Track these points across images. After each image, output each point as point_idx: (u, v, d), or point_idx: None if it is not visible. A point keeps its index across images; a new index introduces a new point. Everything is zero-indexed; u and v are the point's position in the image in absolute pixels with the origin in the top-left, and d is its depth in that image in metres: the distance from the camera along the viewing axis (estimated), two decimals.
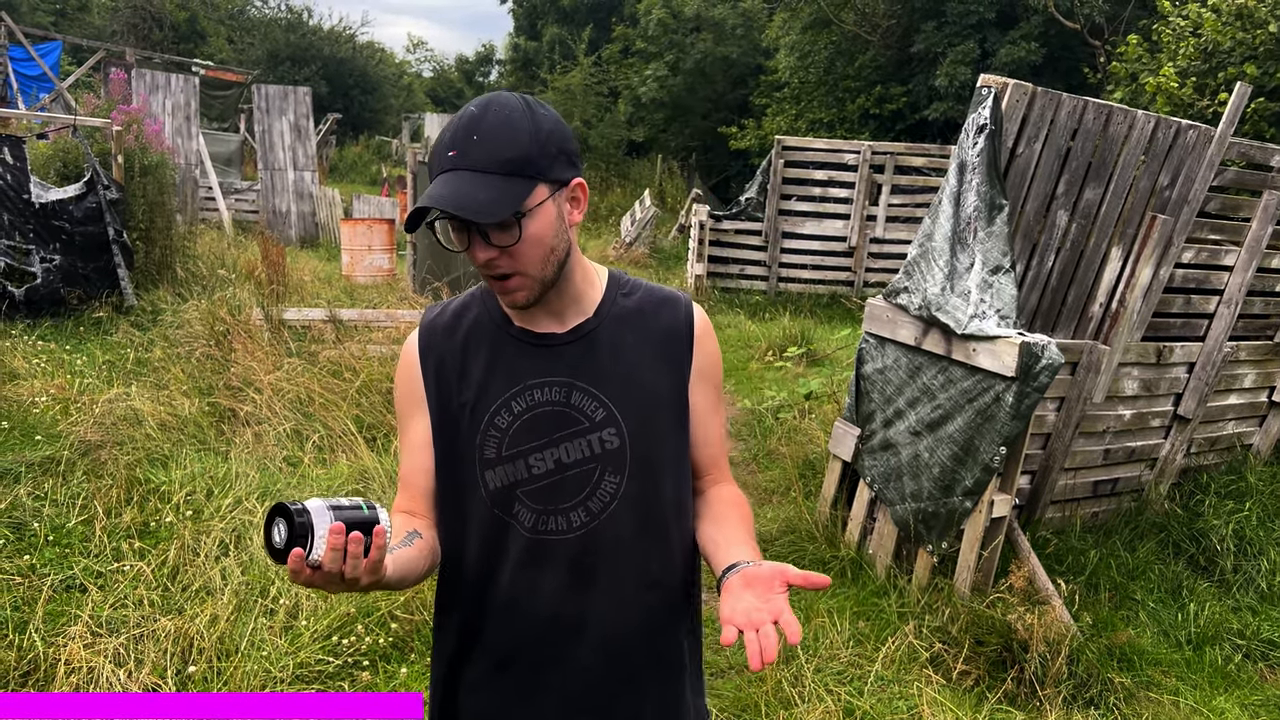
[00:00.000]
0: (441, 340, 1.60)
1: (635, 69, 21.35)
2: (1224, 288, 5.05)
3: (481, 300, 1.62)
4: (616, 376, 1.56)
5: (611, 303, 1.61)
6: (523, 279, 1.46)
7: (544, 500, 1.54)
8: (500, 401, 1.54)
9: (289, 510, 1.20)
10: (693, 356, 1.64)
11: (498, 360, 1.56)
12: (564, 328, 1.57)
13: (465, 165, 1.38)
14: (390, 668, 3.48)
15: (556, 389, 1.54)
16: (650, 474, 1.57)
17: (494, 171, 1.38)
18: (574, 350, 1.56)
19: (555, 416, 1.54)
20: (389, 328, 7.18)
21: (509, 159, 1.39)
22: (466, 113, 1.42)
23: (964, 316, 3.91)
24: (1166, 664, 3.94)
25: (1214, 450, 5.50)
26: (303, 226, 16.14)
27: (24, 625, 3.42)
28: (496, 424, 1.54)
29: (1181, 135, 4.62)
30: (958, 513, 4.02)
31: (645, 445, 1.56)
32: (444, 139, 1.42)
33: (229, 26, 38.15)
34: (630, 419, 1.55)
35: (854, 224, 11.91)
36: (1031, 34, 13.38)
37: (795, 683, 3.47)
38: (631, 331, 1.60)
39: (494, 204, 1.37)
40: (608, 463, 1.54)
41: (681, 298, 1.68)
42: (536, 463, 1.53)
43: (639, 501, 1.56)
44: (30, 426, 5.62)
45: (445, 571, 1.64)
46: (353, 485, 4.80)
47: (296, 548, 1.19)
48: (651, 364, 1.60)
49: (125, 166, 9.04)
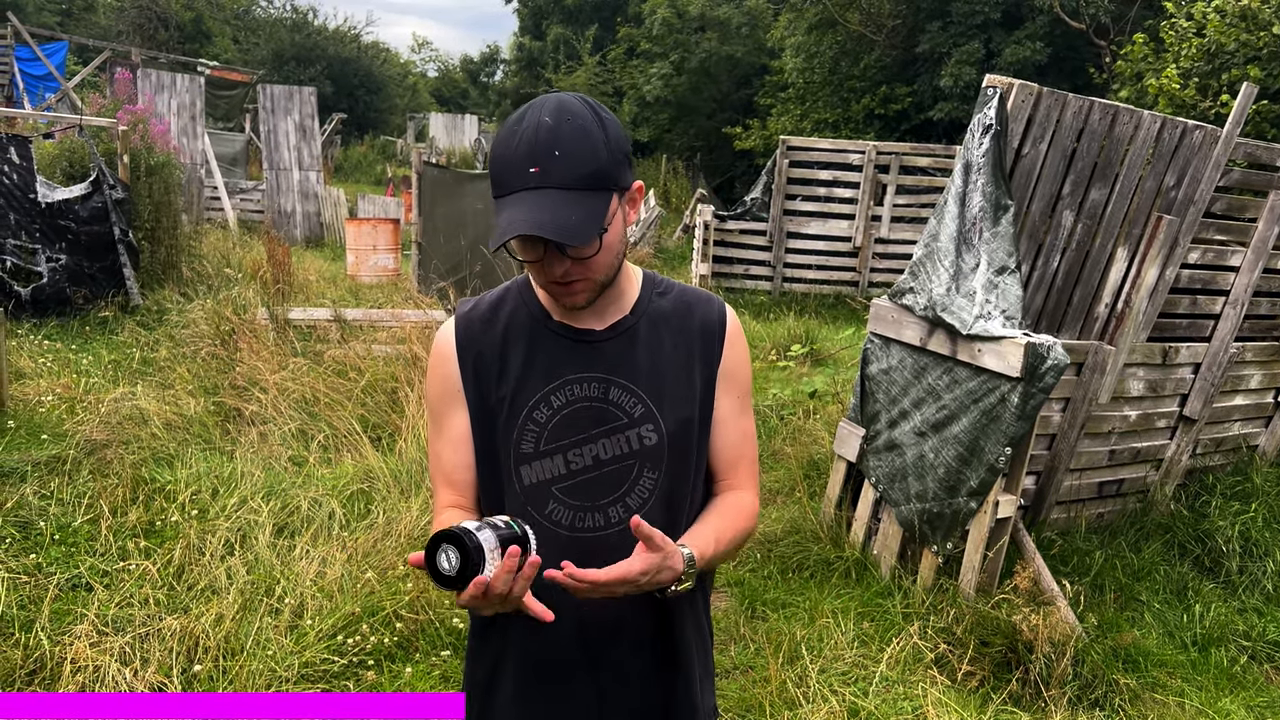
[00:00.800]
0: (480, 333, 1.59)
1: (640, 69, 21.34)
2: (1230, 288, 5.04)
3: (518, 293, 1.62)
4: (654, 373, 1.57)
5: (648, 301, 1.62)
6: (588, 283, 1.47)
7: (580, 496, 1.54)
8: (539, 395, 1.54)
9: (460, 537, 1.24)
10: (722, 357, 1.65)
11: (536, 354, 1.56)
12: (603, 324, 1.57)
13: (550, 184, 1.36)
14: (395, 667, 3.48)
15: (595, 384, 1.55)
16: (684, 471, 1.59)
17: (577, 188, 1.37)
18: (613, 347, 1.57)
19: (594, 412, 1.54)
20: (394, 327, 7.18)
21: (589, 173, 1.38)
22: (538, 123, 1.38)
23: (969, 317, 3.90)
24: (1172, 665, 3.94)
25: (1220, 451, 5.49)
26: (308, 226, 16.17)
27: (30, 624, 3.43)
28: (535, 418, 1.54)
29: (1188, 136, 4.61)
30: (963, 513, 4.01)
31: (681, 442, 1.57)
32: (519, 151, 1.38)
33: (234, 26, 38.22)
34: (668, 416, 1.56)
35: (859, 224, 11.90)
36: (1037, 34, 13.35)
37: (800, 683, 3.46)
38: (667, 330, 1.61)
39: (585, 225, 1.37)
40: (646, 459, 1.55)
41: (715, 299, 1.69)
42: (574, 458, 1.54)
43: (671, 498, 1.58)
44: (36, 425, 5.64)
45: None
46: (358, 485, 4.81)
47: (479, 576, 1.23)
48: (686, 362, 1.61)
49: (131, 166, 9.06)
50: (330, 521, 4.39)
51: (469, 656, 1.73)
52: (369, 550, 4.10)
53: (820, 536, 4.70)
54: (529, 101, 1.45)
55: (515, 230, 1.34)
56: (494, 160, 1.42)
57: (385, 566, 3.95)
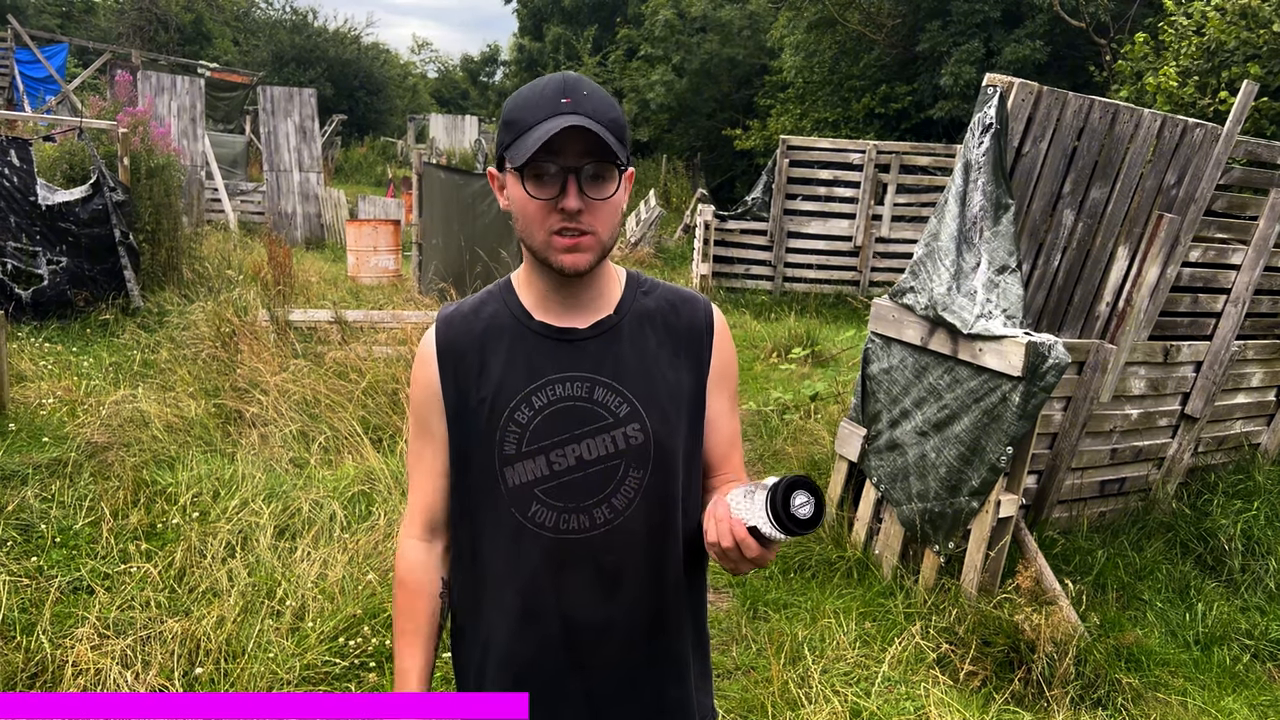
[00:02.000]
0: (460, 335, 1.58)
1: (641, 71, 21.33)
2: (1231, 286, 5.04)
3: (500, 295, 1.60)
4: (639, 372, 1.55)
5: (632, 300, 1.60)
6: (594, 239, 1.45)
7: (564, 498, 1.52)
8: (521, 396, 1.52)
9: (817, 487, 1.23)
10: (711, 356, 1.63)
11: (518, 354, 1.54)
12: (586, 323, 1.55)
13: (582, 111, 1.38)
14: None
15: (579, 384, 1.53)
16: (670, 470, 1.56)
17: (606, 125, 1.39)
18: (596, 345, 1.55)
19: (578, 412, 1.52)
20: (394, 329, 7.18)
21: (614, 119, 1.41)
22: (559, 75, 1.43)
23: (970, 316, 3.90)
24: (1174, 664, 3.93)
25: (1221, 449, 5.48)
26: (308, 228, 16.18)
27: (31, 627, 3.43)
28: (517, 419, 1.51)
29: (1188, 134, 4.60)
30: (964, 513, 4.01)
31: (667, 441, 1.55)
32: (545, 91, 1.40)
33: (234, 28, 38.22)
34: (654, 414, 1.54)
35: (859, 223, 11.90)
36: (1037, 33, 13.35)
37: (802, 683, 3.46)
38: (652, 329, 1.59)
39: (619, 150, 1.39)
40: (632, 458, 1.53)
41: (700, 298, 1.68)
42: (558, 459, 1.51)
43: (658, 497, 1.55)
44: (37, 428, 5.64)
45: (461, 580, 1.63)
46: (359, 487, 4.80)
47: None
48: (671, 361, 1.59)
49: (131, 168, 9.06)
50: (331, 523, 4.38)
51: (455, 671, 1.71)
52: (370, 552, 4.09)
53: (821, 537, 4.70)
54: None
55: (556, 127, 1.34)
56: (513, 106, 1.43)
57: (387, 568, 3.95)
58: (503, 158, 1.45)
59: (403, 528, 1.66)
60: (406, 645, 1.61)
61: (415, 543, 1.64)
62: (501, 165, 1.47)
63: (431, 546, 1.64)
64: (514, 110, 1.43)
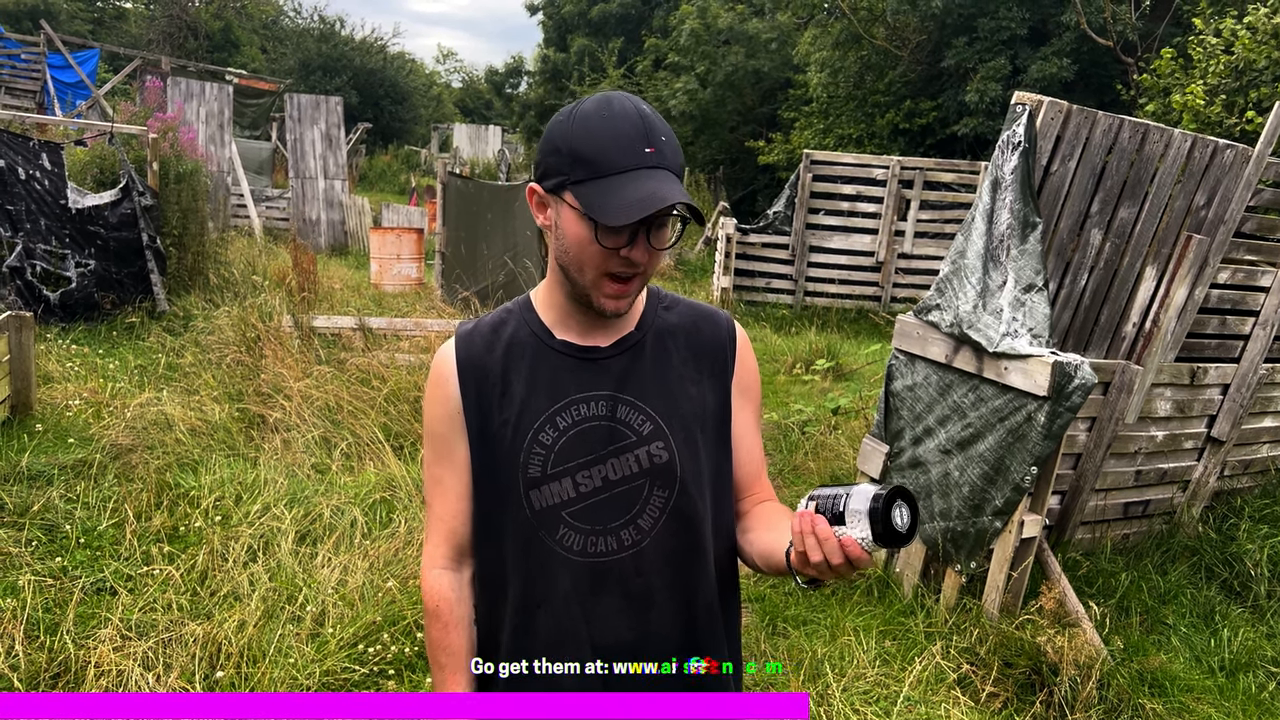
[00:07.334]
0: (481, 354, 1.54)
1: (665, 81, 21.36)
2: (1260, 309, 4.99)
3: (519, 314, 1.57)
4: (662, 390, 1.52)
5: (654, 316, 1.58)
6: (642, 280, 1.45)
7: (591, 520, 1.48)
8: (545, 417, 1.48)
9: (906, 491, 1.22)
10: (734, 373, 1.61)
11: (540, 374, 1.51)
12: (608, 340, 1.53)
13: (665, 165, 1.36)
14: (415, 677, 3.48)
15: (602, 403, 1.49)
16: (697, 488, 1.52)
17: (677, 175, 1.38)
18: (618, 363, 1.52)
19: (602, 431, 1.49)
20: (417, 336, 7.22)
21: (680, 165, 1.40)
22: (637, 109, 1.37)
23: (996, 335, 3.88)
24: (1199, 690, 3.88)
25: (1248, 473, 5.42)
26: (332, 235, 16.29)
27: (55, 627, 3.46)
28: (541, 440, 1.48)
29: (1219, 155, 4.57)
30: (987, 532, 3.98)
31: (692, 459, 1.52)
32: (626, 130, 1.35)
33: (262, 36, 38.65)
34: (677, 432, 1.51)
35: (882, 239, 11.88)
36: (1064, 50, 13.28)
37: (821, 701, 3.44)
38: (674, 345, 1.57)
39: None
40: (656, 477, 1.49)
41: (722, 314, 1.65)
42: (584, 480, 1.48)
43: (685, 517, 1.51)
44: (63, 429, 5.69)
45: (486, 607, 1.58)
46: (380, 494, 4.82)
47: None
48: (695, 378, 1.56)
49: (160, 173, 9.16)
50: (352, 530, 4.40)
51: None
52: (390, 559, 4.11)
53: None
54: (585, 97, 1.42)
55: (660, 203, 1.30)
56: (587, 138, 1.36)
57: (407, 575, 3.96)
58: (560, 183, 1.39)
59: (426, 558, 1.60)
60: (450, 676, 1.55)
61: (442, 572, 1.58)
62: (556, 189, 1.40)
63: (460, 575, 1.59)
64: (588, 146, 1.36)
